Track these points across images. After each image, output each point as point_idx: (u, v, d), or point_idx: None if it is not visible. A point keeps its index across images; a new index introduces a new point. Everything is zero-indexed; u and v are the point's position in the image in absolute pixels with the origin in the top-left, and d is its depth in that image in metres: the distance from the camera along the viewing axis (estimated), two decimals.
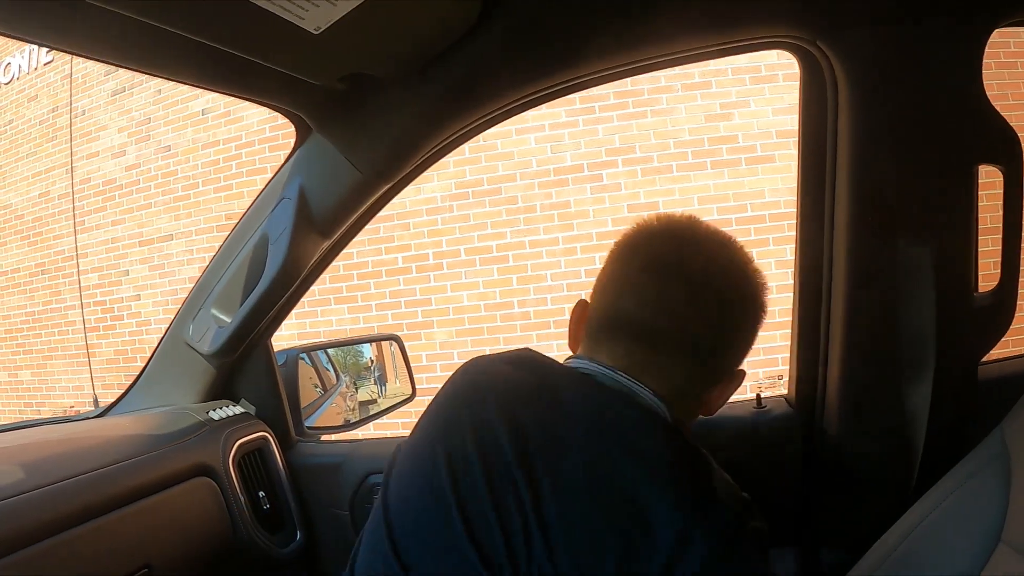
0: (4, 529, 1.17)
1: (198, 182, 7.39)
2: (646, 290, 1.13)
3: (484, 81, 1.56)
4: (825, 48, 1.50)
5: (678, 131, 5.93)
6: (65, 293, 8.47)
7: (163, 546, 1.48)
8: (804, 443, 1.83)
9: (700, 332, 1.14)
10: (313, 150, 1.68)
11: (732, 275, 1.19)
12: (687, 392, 1.17)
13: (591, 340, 1.18)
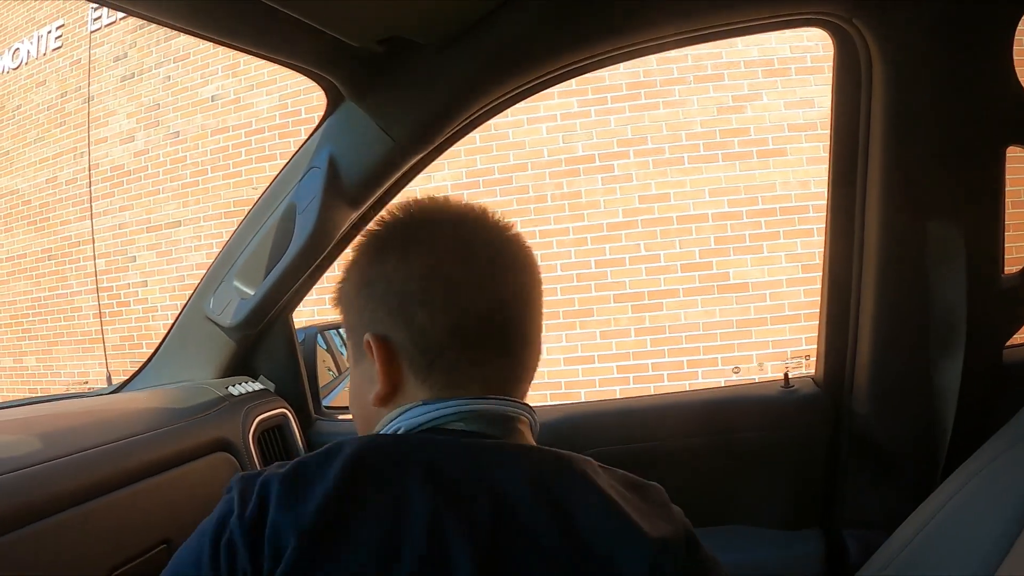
0: (23, 499, 1.16)
1: (207, 169, 7.39)
2: (487, 284, 0.88)
3: (523, 49, 1.55)
4: (861, 26, 1.50)
5: (690, 123, 5.92)
6: (71, 279, 8.48)
7: (182, 521, 1.45)
8: (831, 423, 1.83)
9: (531, 312, 0.93)
10: (345, 118, 1.66)
11: (513, 241, 0.94)
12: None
13: (433, 372, 0.89)
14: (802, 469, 1.86)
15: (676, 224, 5.89)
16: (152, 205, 7.76)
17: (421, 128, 1.63)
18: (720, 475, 1.91)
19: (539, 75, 1.64)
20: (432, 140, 1.66)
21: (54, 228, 8.62)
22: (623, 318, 5.97)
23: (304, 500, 0.77)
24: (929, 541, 1.16)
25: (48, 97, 8.76)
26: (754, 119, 5.86)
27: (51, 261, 8.67)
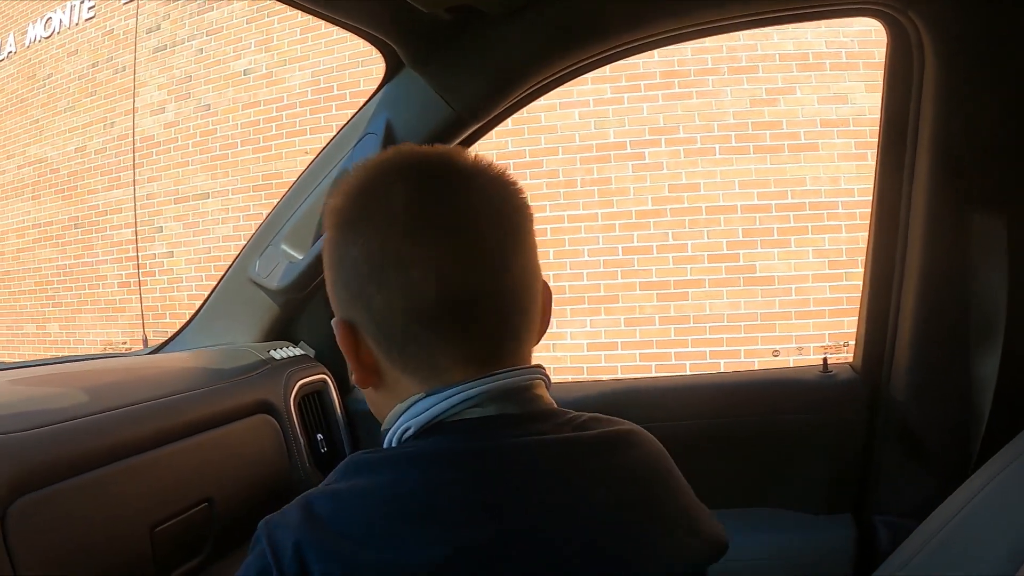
0: (71, 450, 1.17)
1: (236, 142, 7.42)
2: (444, 258, 0.80)
3: (585, 24, 1.57)
4: (915, 18, 1.51)
5: (722, 114, 5.90)
6: (97, 247, 8.53)
7: (223, 480, 1.47)
8: (868, 410, 1.83)
9: (514, 270, 0.85)
10: (403, 85, 1.67)
11: (484, 195, 0.85)
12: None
13: (407, 358, 0.83)
14: (836, 454, 1.86)
15: (705, 214, 5.88)
16: (181, 177, 7.81)
17: (480, 98, 1.64)
18: (755, 456, 1.92)
19: (598, 52, 1.65)
20: (490, 111, 1.67)
21: (82, 197, 8.68)
22: (648, 306, 5.97)
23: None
24: (959, 530, 1.16)
25: (79, 67, 8.80)
26: (787, 112, 5.84)
27: (77, 229, 8.73)
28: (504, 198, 0.86)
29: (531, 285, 0.86)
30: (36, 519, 1.05)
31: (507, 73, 1.61)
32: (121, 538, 1.22)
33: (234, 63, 7.49)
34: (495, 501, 0.75)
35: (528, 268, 0.86)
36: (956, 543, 1.15)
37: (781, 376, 2.02)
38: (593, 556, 0.76)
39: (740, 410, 1.90)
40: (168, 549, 1.31)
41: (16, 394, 1.27)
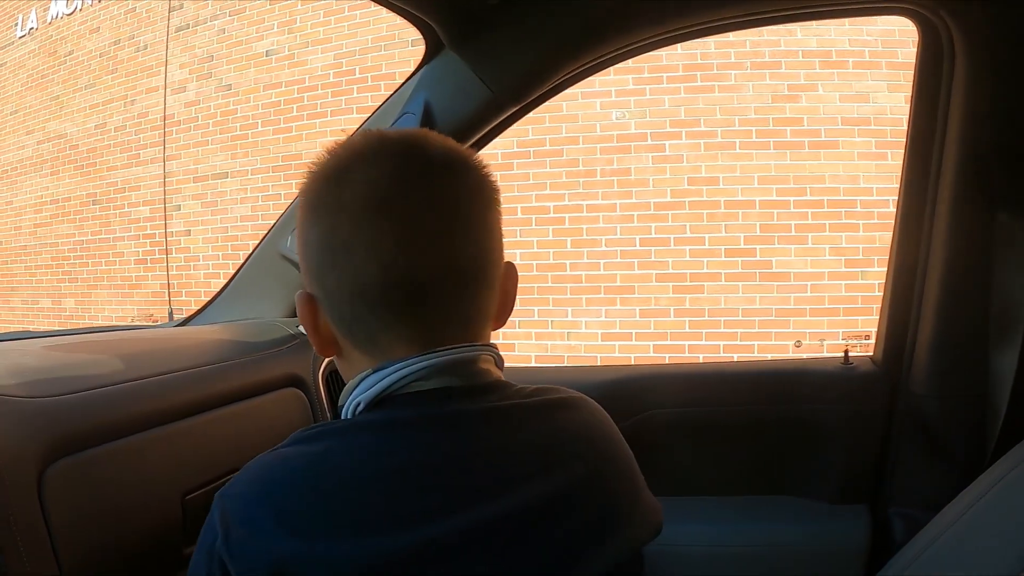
0: (106, 417, 1.18)
1: (257, 123, 7.43)
2: (385, 246, 0.82)
3: (630, 11, 1.59)
4: (947, 18, 1.53)
5: (744, 108, 5.89)
6: (115, 224, 8.56)
7: (253, 451, 1.46)
8: (887, 402, 1.86)
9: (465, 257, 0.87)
10: (443, 66, 1.68)
11: (436, 191, 0.86)
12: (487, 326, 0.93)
13: (357, 335, 0.87)
14: (854, 445, 1.88)
15: (723, 208, 5.87)
16: (200, 156, 7.83)
17: (521, 81, 1.66)
18: (773, 445, 1.94)
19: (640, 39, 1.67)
20: (530, 94, 1.69)
21: (100, 173, 8.71)
22: (663, 298, 5.97)
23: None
24: (973, 524, 1.17)
25: (101, 44, 8.83)
26: (808, 109, 5.82)
27: (95, 206, 8.77)
28: (460, 183, 0.88)
29: (485, 269, 0.88)
30: (72, 482, 1.06)
31: (549, 57, 1.62)
32: (153, 504, 1.23)
33: (257, 44, 7.50)
34: (442, 465, 0.80)
35: (483, 252, 0.87)
36: (969, 537, 1.16)
37: (802, 367, 2.04)
38: (539, 509, 0.81)
39: (760, 398, 1.93)
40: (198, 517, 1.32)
41: (52, 359, 1.29)
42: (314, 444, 0.84)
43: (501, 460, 0.82)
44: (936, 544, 1.20)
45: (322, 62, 7.07)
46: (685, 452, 1.96)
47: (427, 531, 0.76)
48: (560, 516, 0.81)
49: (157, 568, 1.25)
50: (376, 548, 0.74)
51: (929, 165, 1.71)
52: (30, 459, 1.01)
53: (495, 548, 0.77)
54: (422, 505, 0.77)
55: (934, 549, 1.20)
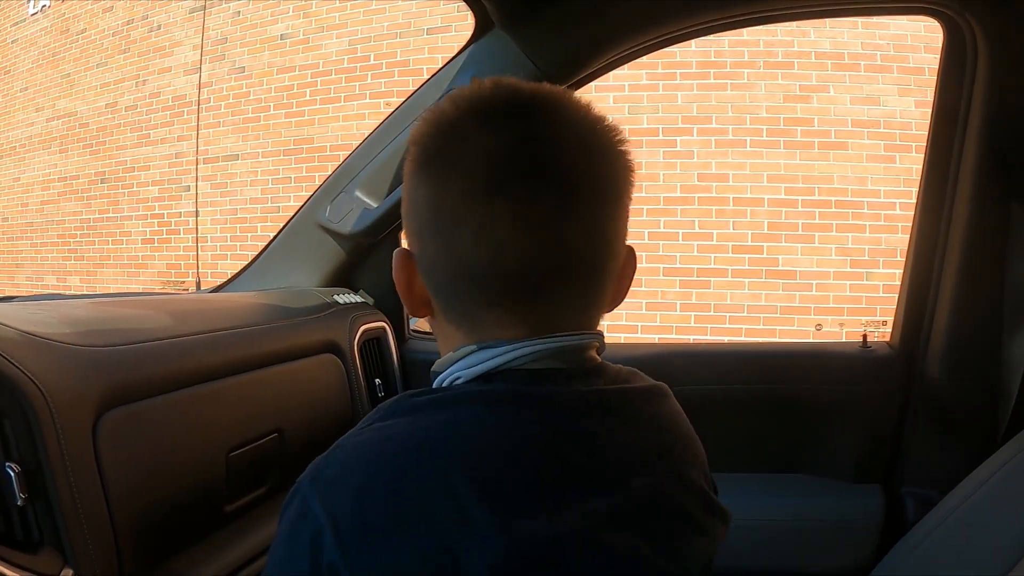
0: (159, 369, 1.21)
1: (269, 106, 7.44)
2: (528, 221, 0.74)
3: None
4: (972, 21, 1.58)
5: (755, 107, 5.91)
6: (123, 203, 8.56)
7: (292, 413, 1.51)
8: (903, 385, 1.90)
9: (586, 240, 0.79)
10: (491, 45, 1.72)
11: (591, 140, 0.79)
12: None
13: (453, 311, 0.82)
14: (869, 426, 1.93)
15: (732, 205, 5.90)
16: (211, 137, 7.83)
17: (567, 62, 1.70)
18: (791, 423, 1.98)
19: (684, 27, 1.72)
20: (576, 75, 1.73)
21: (110, 152, 8.70)
22: (670, 292, 6.00)
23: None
24: (982, 502, 1.21)
25: (114, 23, 8.81)
26: (819, 110, 5.84)
27: (103, 184, 8.76)
28: (597, 162, 0.79)
29: (607, 259, 0.80)
30: (124, 431, 1.08)
31: (597, 40, 1.67)
32: (200, 458, 1.26)
33: (271, 27, 7.50)
34: (571, 445, 0.74)
35: (607, 242, 0.80)
36: (979, 516, 1.20)
37: (822, 349, 2.09)
38: (655, 495, 0.78)
39: (780, 378, 1.96)
40: (240, 474, 1.35)
41: (104, 312, 1.31)
42: (425, 416, 0.74)
43: (620, 445, 0.78)
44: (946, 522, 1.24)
45: (337, 47, 7.08)
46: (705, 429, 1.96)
47: (566, 516, 0.70)
48: (665, 505, 0.79)
49: (200, 521, 1.28)
50: (524, 533, 0.67)
51: (949, 158, 1.76)
52: (85, 406, 1.03)
53: (620, 536, 0.73)
54: (558, 487, 0.71)
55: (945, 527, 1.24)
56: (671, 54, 5.84)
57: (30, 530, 0.97)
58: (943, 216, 1.79)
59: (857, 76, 5.82)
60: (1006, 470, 1.22)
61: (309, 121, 7.16)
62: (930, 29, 1.67)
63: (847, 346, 2.00)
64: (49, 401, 0.98)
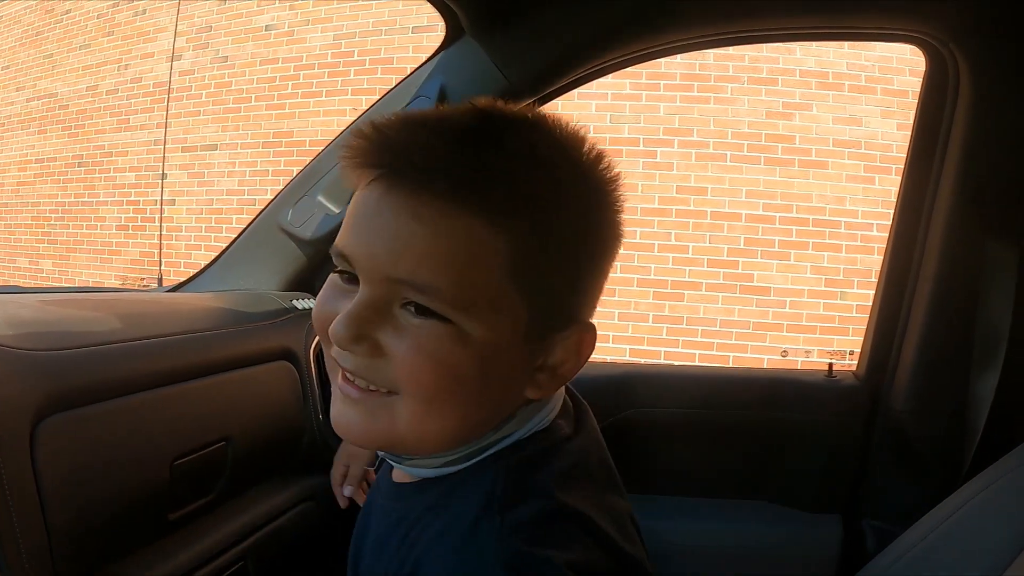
0: (102, 374, 1.18)
1: (251, 97, 7.40)
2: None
3: (651, 14, 1.62)
4: (956, 52, 1.59)
5: (737, 122, 5.92)
6: (99, 188, 8.49)
7: (242, 421, 1.48)
8: (867, 416, 1.90)
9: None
10: (461, 53, 1.69)
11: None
12: None
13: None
14: (832, 456, 1.92)
15: (709, 219, 5.91)
16: (191, 125, 7.77)
17: (538, 74, 1.68)
18: (753, 450, 1.98)
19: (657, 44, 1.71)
20: (545, 87, 1.71)
21: (88, 136, 8.63)
22: (643, 303, 5.99)
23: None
24: (943, 539, 1.20)
25: (99, 5, 8.74)
26: (801, 128, 5.86)
27: (80, 168, 8.69)
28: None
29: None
30: (64, 439, 1.05)
31: (568, 53, 1.65)
32: (143, 467, 1.23)
33: (257, 17, 7.45)
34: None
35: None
36: (939, 551, 1.19)
37: (787, 376, 2.08)
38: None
39: (743, 403, 1.96)
40: (185, 483, 1.32)
41: (50, 313, 1.27)
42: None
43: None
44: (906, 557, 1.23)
45: (321, 41, 7.05)
46: (666, 452, 1.98)
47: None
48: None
49: (142, 529, 1.25)
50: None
51: (926, 187, 1.76)
52: (24, 412, 1.00)
53: None
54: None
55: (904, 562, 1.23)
56: (656, 65, 5.84)
57: None
58: (916, 246, 1.79)
59: (841, 96, 5.84)
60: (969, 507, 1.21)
61: (290, 114, 7.12)
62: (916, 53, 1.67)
63: (813, 375, 2.00)
64: None
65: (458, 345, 0.70)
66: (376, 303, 0.71)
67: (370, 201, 0.72)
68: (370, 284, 0.71)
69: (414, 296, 0.70)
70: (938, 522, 1.23)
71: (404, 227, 0.69)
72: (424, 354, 0.70)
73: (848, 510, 1.92)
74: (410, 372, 0.71)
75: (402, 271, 0.69)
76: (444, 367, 0.71)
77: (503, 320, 0.72)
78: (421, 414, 0.73)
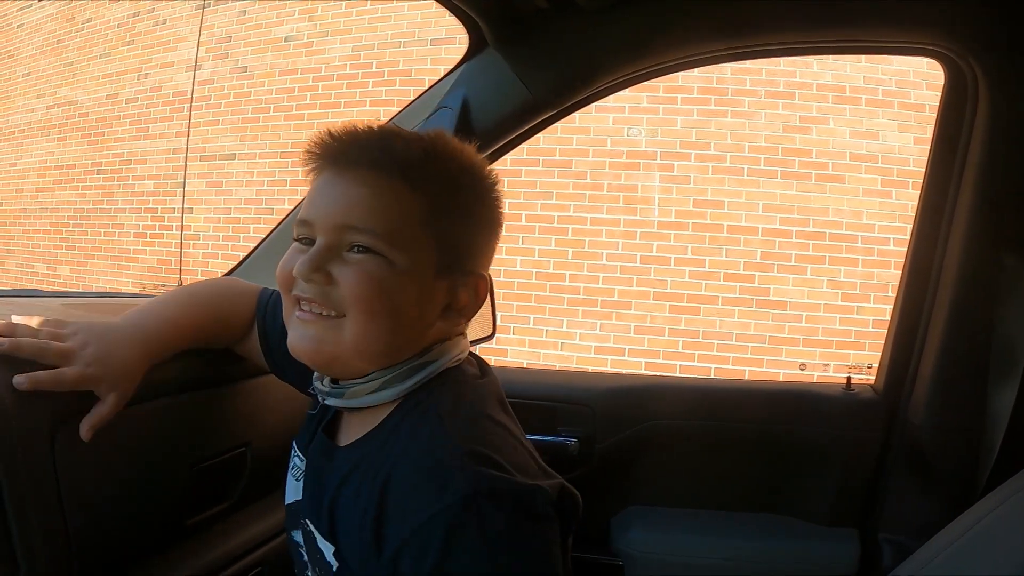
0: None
1: (270, 107, 7.43)
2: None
3: (671, 29, 1.64)
4: (975, 65, 1.58)
5: (755, 136, 5.91)
6: (117, 195, 8.53)
7: (262, 428, 1.49)
8: (884, 430, 1.90)
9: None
10: (484, 64, 1.71)
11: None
12: None
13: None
14: (849, 469, 1.92)
15: (726, 233, 5.90)
16: (209, 135, 7.81)
17: (559, 86, 1.70)
18: (770, 463, 1.97)
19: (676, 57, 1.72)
20: (568, 100, 1.73)
21: (107, 144, 8.67)
22: (659, 316, 5.98)
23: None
24: (960, 554, 1.19)
25: (120, 15, 8.79)
26: (818, 142, 5.84)
27: (99, 175, 8.73)
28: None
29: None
30: (85, 443, 1.05)
31: (590, 65, 1.66)
32: (163, 472, 1.25)
33: (276, 28, 7.48)
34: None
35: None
36: (956, 567, 1.18)
37: (805, 389, 2.08)
38: None
39: (762, 416, 1.96)
40: (203, 489, 1.34)
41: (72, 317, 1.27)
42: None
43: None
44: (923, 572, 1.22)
45: (340, 52, 7.07)
46: (684, 464, 1.98)
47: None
48: None
49: (160, 534, 1.26)
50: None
51: (944, 203, 1.76)
52: (45, 417, 1.01)
53: None
54: None
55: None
56: (673, 78, 5.83)
57: None
58: (934, 261, 1.79)
59: (858, 110, 5.83)
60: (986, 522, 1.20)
61: (308, 125, 7.13)
62: (932, 66, 1.68)
63: (830, 387, 2.00)
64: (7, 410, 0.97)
65: (388, 271, 0.98)
66: (330, 245, 0.99)
67: (327, 180, 1.03)
68: (325, 233, 1.00)
69: (357, 237, 0.98)
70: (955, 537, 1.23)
71: (353, 191, 1.00)
72: (365, 277, 0.98)
73: (864, 524, 1.92)
74: (354, 291, 0.98)
75: (351, 219, 0.98)
76: (380, 288, 0.98)
77: (420, 257, 1.00)
78: (362, 330, 0.99)
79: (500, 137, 1.74)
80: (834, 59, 5.70)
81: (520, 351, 6.21)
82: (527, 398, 1.88)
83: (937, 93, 1.76)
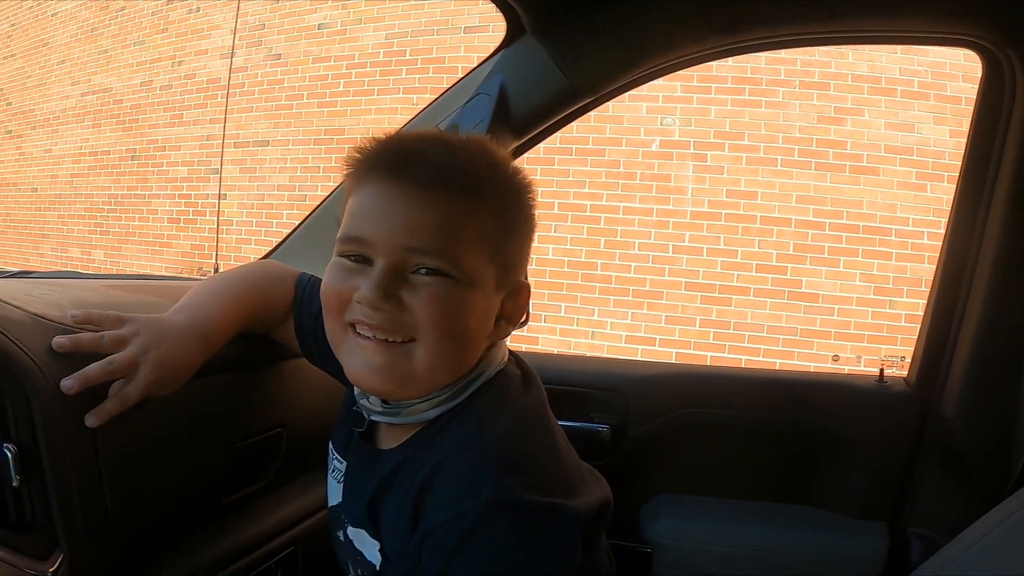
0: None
1: (303, 94, 7.47)
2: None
3: (707, 17, 1.63)
4: (1013, 55, 1.57)
5: (789, 126, 5.87)
6: (151, 181, 8.61)
7: (296, 410, 1.51)
8: (917, 423, 1.88)
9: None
10: (521, 51, 1.70)
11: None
12: None
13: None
14: (880, 462, 1.91)
15: (759, 224, 5.87)
16: (243, 122, 7.87)
17: (597, 74, 1.70)
18: (801, 454, 1.97)
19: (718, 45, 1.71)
20: (605, 87, 1.72)
21: (142, 130, 8.75)
22: (691, 307, 5.97)
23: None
24: (990, 549, 1.17)
25: (154, 3, 8.86)
26: (852, 134, 5.79)
27: (133, 161, 8.82)
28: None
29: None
30: (125, 419, 1.06)
31: (629, 53, 1.66)
32: (203, 450, 1.26)
33: (309, 16, 7.52)
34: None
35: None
36: (985, 563, 1.17)
37: (837, 380, 2.07)
38: None
39: (793, 407, 1.95)
40: (240, 468, 1.35)
41: (115, 297, 1.30)
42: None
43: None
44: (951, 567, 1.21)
45: (373, 40, 7.09)
46: (716, 453, 1.98)
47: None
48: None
49: (196, 512, 1.28)
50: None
51: (980, 195, 1.74)
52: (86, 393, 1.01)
53: None
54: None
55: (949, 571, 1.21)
56: (707, 68, 5.80)
57: (24, 512, 0.97)
58: (970, 253, 1.77)
59: (893, 101, 5.77)
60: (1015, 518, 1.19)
61: (341, 112, 7.17)
62: (969, 58, 1.66)
63: (863, 379, 1.98)
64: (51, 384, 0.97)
65: (457, 292, 0.97)
66: (395, 269, 0.96)
67: (386, 196, 0.99)
68: (387, 255, 0.96)
69: (423, 259, 0.96)
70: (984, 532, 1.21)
71: (416, 210, 0.96)
72: (437, 301, 0.96)
73: (893, 517, 1.90)
74: (427, 316, 0.96)
75: (415, 240, 0.95)
76: (451, 310, 0.97)
77: (484, 273, 1.00)
78: (435, 352, 0.98)
79: (536, 124, 1.74)
80: (869, 50, 5.65)
81: (551, 339, 6.21)
82: (561, 384, 1.87)
83: (974, 86, 1.74)
